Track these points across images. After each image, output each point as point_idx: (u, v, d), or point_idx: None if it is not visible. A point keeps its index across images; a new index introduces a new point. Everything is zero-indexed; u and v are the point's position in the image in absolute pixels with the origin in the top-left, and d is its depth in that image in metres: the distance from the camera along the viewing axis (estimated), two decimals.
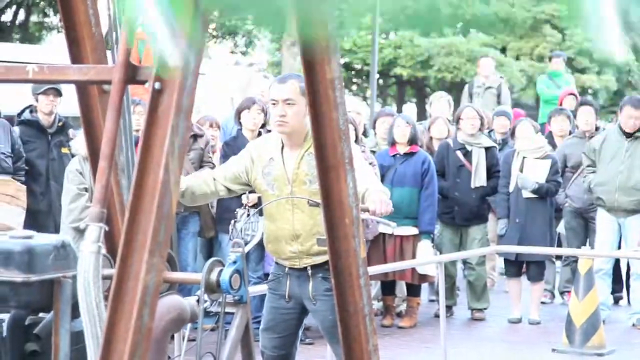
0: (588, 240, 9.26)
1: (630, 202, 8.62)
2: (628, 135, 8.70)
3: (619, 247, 8.80)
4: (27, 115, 8.08)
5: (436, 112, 10.15)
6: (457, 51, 22.00)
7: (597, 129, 9.62)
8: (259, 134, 7.70)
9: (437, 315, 8.39)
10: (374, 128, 9.49)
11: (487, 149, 9.06)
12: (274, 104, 4.67)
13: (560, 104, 11.36)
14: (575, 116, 9.74)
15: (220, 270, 3.11)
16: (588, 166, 8.88)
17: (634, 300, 8.87)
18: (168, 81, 2.44)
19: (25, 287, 2.97)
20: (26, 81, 2.81)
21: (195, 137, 7.93)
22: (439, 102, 10.29)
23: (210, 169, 6.89)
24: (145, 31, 1.96)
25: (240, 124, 8.03)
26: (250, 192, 5.37)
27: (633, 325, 8.71)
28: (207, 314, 3.16)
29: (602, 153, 8.77)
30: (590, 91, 23.45)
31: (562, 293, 9.86)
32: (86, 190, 7.17)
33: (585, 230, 9.33)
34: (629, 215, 8.65)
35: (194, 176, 4.87)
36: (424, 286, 9.23)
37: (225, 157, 7.59)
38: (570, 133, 9.79)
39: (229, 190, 4.74)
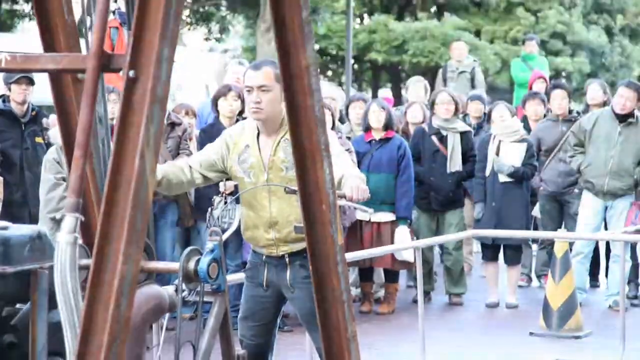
0: (563, 223, 9.31)
1: (619, 187, 8.65)
2: (621, 119, 8.70)
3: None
4: None
5: (413, 97, 10.15)
6: (431, 35, 22.02)
7: (570, 111, 9.66)
8: (237, 121, 7.68)
9: (415, 301, 8.42)
10: (347, 114, 9.49)
11: (462, 133, 9.07)
12: (248, 90, 4.65)
13: (530, 88, 11.39)
14: (548, 100, 9.76)
15: (198, 259, 3.09)
16: (575, 145, 8.87)
17: (612, 282, 8.92)
18: (143, 69, 2.42)
19: (1, 278, 2.95)
20: None
21: (173, 125, 7.89)
22: (416, 87, 10.29)
23: (186, 157, 6.86)
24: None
25: (217, 111, 7.99)
26: (227, 180, 5.36)
27: (609, 307, 8.77)
28: (185, 303, 3.15)
29: (593, 135, 8.77)
30: (563, 74, 23.56)
31: (539, 276, 9.92)
32: (64, 179, 7.12)
33: (560, 213, 9.37)
34: (616, 198, 8.69)
35: (170, 164, 4.84)
36: (402, 272, 9.25)
37: (202, 144, 7.56)
38: (544, 116, 9.82)
39: (205, 177, 4.72)
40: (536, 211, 9.45)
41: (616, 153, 8.65)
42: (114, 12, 8.80)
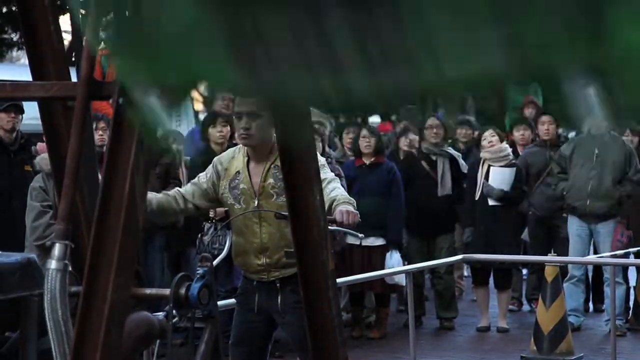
0: (552, 248, 9.31)
1: (601, 208, 8.68)
2: (597, 141, 8.75)
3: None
4: None
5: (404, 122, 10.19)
6: None
7: (559, 137, 9.71)
8: (228, 147, 7.67)
9: (406, 326, 8.40)
10: (340, 139, 9.51)
11: (451, 157, 9.09)
12: (238, 117, 4.66)
13: (522, 111, 11.44)
14: (536, 125, 9.80)
15: (189, 285, 3.09)
16: (559, 173, 8.95)
17: (609, 307, 8.91)
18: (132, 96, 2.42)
19: None
20: None
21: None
22: (408, 113, 10.34)
23: (178, 188, 6.88)
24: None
25: (206, 139, 7.98)
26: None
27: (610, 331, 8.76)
28: (176, 329, 3.14)
29: (573, 160, 8.85)
30: None
31: (529, 300, 9.91)
32: (50, 207, 7.09)
33: (548, 238, 9.38)
34: (600, 222, 8.72)
35: (162, 193, 4.85)
36: (393, 296, 9.24)
37: (193, 170, 7.55)
38: (532, 141, 9.85)
39: (197, 207, 4.73)
40: (526, 235, 9.46)
41: (595, 174, 8.72)
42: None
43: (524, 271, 10.18)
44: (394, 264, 8.26)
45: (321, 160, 4.44)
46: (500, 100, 13.49)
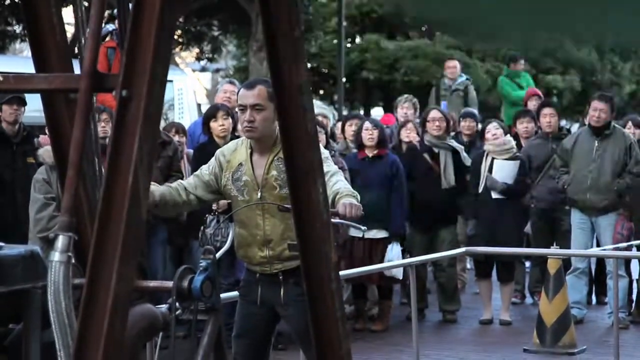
0: (555, 241, 9.31)
1: (601, 201, 8.68)
2: (598, 134, 8.76)
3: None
4: None
5: (402, 115, 10.18)
6: (423, 54, 22.08)
7: (560, 129, 9.70)
8: (231, 139, 7.66)
9: (408, 318, 8.41)
10: (342, 132, 9.51)
11: (454, 150, 9.09)
12: (242, 109, 4.66)
13: (525, 105, 11.42)
14: (538, 117, 9.80)
15: (192, 278, 3.09)
16: (561, 167, 8.96)
17: (612, 299, 8.92)
18: (135, 89, 2.43)
19: None
20: None
21: (164, 144, 7.86)
22: (405, 105, 10.33)
23: (180, 180, 6.90)
24: None
25: (209, 132, 7.97)
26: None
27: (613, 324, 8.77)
28: (179, 321, 3.14)
29: (574, 153, 8.85)
30: (555, 92, 23.64)
31: (532, 293, 9.91)
32: (53, 199, 7.10)
33: (551, 230, 9.38)
34: (600, 214, 8.72)
35: (165, 186, 4.84)
36: (395, 289, 9.24)
37: (196, 162, 7.55)
38: (536, 133, 9.84)
39: (200, 200, 4.73)
40: (529, 228, 9.46)
41: (595, 168, 8.72)
42: (112, 33, 8.78)
43: (527, 264, 10.17)
44: (393, 257, 8.27)
45: (324, 152, 4.44)
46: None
